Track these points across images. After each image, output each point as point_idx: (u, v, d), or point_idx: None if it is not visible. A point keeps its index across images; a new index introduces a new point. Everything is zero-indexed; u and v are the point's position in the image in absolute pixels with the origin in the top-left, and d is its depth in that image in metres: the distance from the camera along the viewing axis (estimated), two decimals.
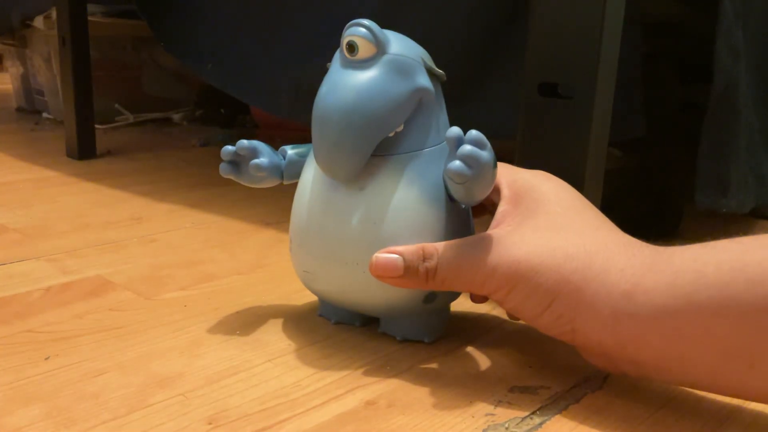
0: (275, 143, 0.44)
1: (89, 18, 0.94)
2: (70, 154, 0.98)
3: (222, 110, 1.30)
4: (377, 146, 0.37)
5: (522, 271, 0.34)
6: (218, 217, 0.69)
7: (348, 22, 0.37)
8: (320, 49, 0.69)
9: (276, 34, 0.78)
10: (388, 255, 0.36)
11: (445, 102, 0.41)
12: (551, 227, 0.36)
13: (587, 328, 0.33)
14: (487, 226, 0.39)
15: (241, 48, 0.83)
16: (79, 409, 0.34)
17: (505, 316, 0.46)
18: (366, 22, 0.37)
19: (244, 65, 0.82)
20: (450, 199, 0.39)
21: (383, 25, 0.37)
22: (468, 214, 0.42)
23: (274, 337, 0.43)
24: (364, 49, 0.36)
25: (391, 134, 0.38)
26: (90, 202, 0.74)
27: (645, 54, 0.59)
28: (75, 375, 0.37)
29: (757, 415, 0.35)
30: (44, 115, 1.35)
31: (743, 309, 0.29)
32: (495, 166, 0.35)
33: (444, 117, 0.41)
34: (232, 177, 0.43)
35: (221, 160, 0.42)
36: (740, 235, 0.32)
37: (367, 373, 0.39)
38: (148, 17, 0.91)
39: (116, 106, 1.26)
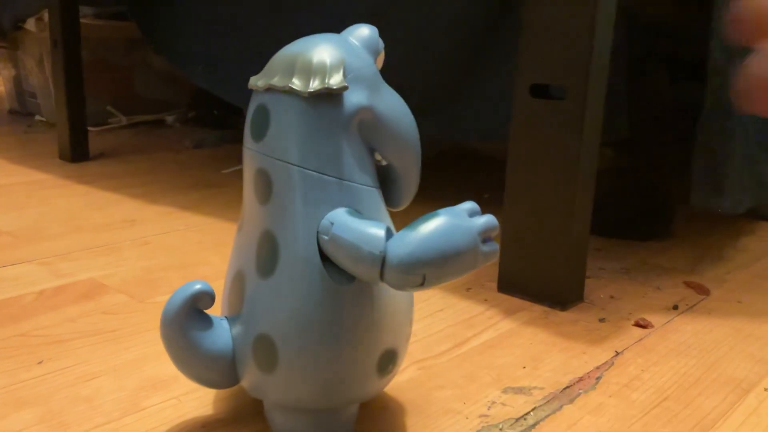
0: None
1: (81, 20, 0.94)
2: (62, 157, 0.97)
3: (215, 112, 1.29)
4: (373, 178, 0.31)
5: None
6: (212, 219, 0.69)
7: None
8: None
9: (266, 36, 0.78)
10: None
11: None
12: None
13: None
14: None
15: (231, 50, 0.83)
16: (73, 412, 0.34)
17: (499, 317, 0.46)
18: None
19: (234, 67, 0.82)
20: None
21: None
22: None
23: None
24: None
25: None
26: (83, 204, 0.74)
27: (635, 54, 0.59)
28: (68, 379, 0.37)
29: (748, 416, 0.35)
30: (37, 117, 1.35)
31: None
32: None
33: None
34: None
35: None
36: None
37: None
38: (138, 19, 0.91)
39: (109, 108, 1.26)
